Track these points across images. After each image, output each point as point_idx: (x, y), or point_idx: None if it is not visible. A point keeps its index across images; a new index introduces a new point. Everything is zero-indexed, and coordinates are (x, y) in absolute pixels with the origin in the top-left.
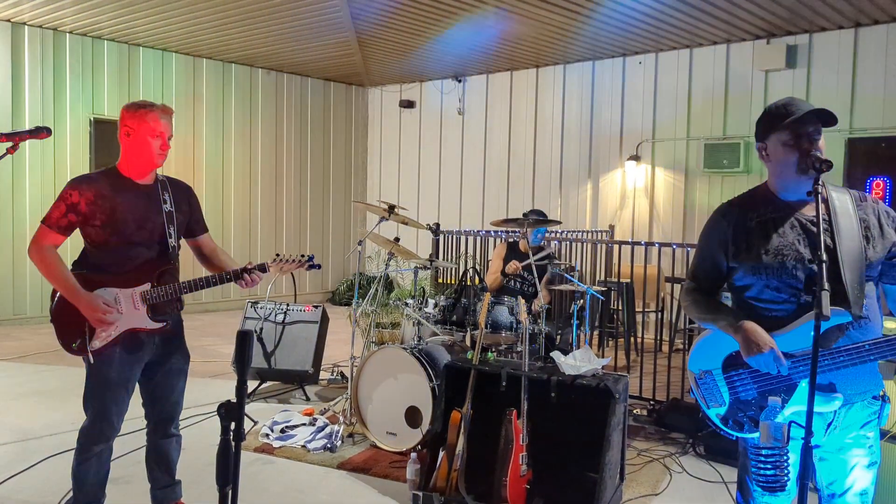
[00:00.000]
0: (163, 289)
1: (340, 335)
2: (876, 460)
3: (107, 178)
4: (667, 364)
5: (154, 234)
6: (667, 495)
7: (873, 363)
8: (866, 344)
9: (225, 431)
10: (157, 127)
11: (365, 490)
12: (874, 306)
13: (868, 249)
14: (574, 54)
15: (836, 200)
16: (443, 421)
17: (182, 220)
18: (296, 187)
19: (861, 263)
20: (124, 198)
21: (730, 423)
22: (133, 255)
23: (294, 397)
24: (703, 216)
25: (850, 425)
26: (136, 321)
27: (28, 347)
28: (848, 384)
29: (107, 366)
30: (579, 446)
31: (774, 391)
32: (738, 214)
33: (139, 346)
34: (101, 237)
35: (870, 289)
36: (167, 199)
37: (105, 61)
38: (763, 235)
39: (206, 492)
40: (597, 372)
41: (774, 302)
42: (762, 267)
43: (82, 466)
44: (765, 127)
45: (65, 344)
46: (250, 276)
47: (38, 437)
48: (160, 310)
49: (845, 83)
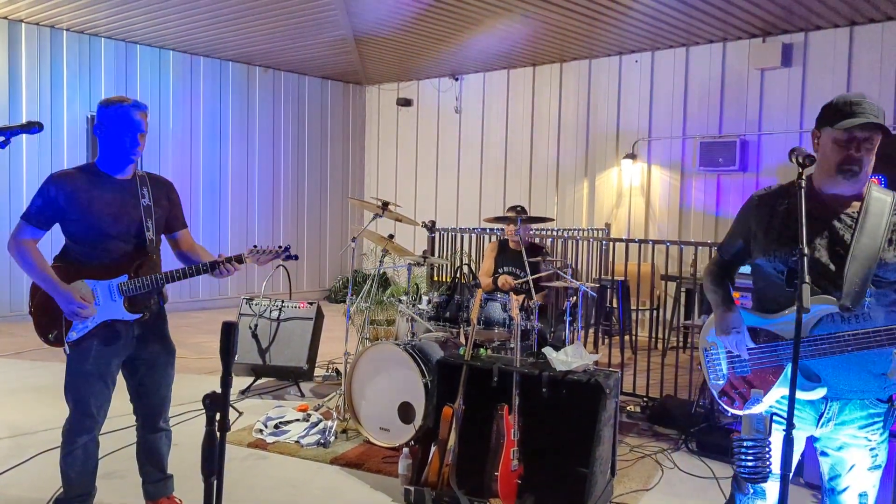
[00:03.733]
0: (140, 280)
1: (335, 332)
2: (880, 464)
3: (84, 174)
4: (661, 362)
5: (131, 227)
6: (658, 490)
7: (877, 365)
8: (846, 335)
9: (210, 422)
10: (129, 123)
11: (358, 485)
12: (884, 310)
13: (887, 251)
14: (571, 53)
15: (875, 200)
16: (435, 416)
17: (161, 214)
18: (293, 185)
19: (871, 262)
20: (101, 192)
21: (724, 399)
22: (110, 248)
23: (289, 393)
24: (699, 215)
25: (846, 423)
26: (112, 313)
27: (24, 344)
28: (836, 377)
29: (83, 358)
30: (570, 441)
31: (766, 371)
32: (772, 199)
33: (116, 337)
34: (79, 231)
35: (885, 292)
36: (145, 194)
37: (102, 59)
38: (784, 222)
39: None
40: (588, 368)
41: (778, 285)
42: (772, 250)
43: (68, 459)
44: (824, 117)
45: (42, 335)
46: (224, 266)
47: (32, 432)
48: (138, 302)
49: (840, 82)
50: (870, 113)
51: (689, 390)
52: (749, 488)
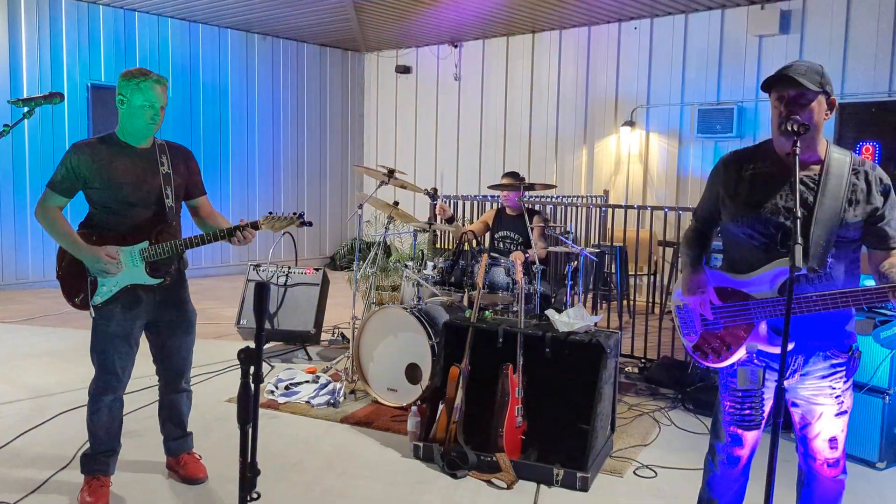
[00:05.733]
0: (160, 246)
1: (340, 299)
2: (846, 410)
3: (105, 143)
4: (658, 325)
5: (151, 194)
6: (655, 445)
7: (838, 319)
8: (813, 295)
9: (245, 375)
10: (149, 97)
11: (367, 441)
12: (844, 268)
13: (847, 211)
14: (570, 20)
15: (834, 161)
16: (442, 376)
17: (180, 182)
18: (293, 152)
19: (834, 223)
20: (122, 161)
21: (698, 353)
22: (132, 215)
23: (296, 357)
24: (697, 181)
25: (812, 373)
26: (134, 277)
27: (33, 310)
28: (802, 332)
29: (107, 320)
30: (572, 399)
31: (738, 328)
32: (737, 164)
33: (138, 301)
34: (101, 199)
35: (845, 252)
36: (164, 162)
37: (101, 27)
38: (751, 186)
39: (216, 443)
40: (589, 329)
41: (748, 248)
42: (740, 215)
43: (94, 417)
44: (765, 85)
45: (69, 298)
46: (242, 233)
47: (51, 394)
48: (159, 267)
49: (837, 49)
50: (797, 73)
51: (684, 352)
52: (727, 436)
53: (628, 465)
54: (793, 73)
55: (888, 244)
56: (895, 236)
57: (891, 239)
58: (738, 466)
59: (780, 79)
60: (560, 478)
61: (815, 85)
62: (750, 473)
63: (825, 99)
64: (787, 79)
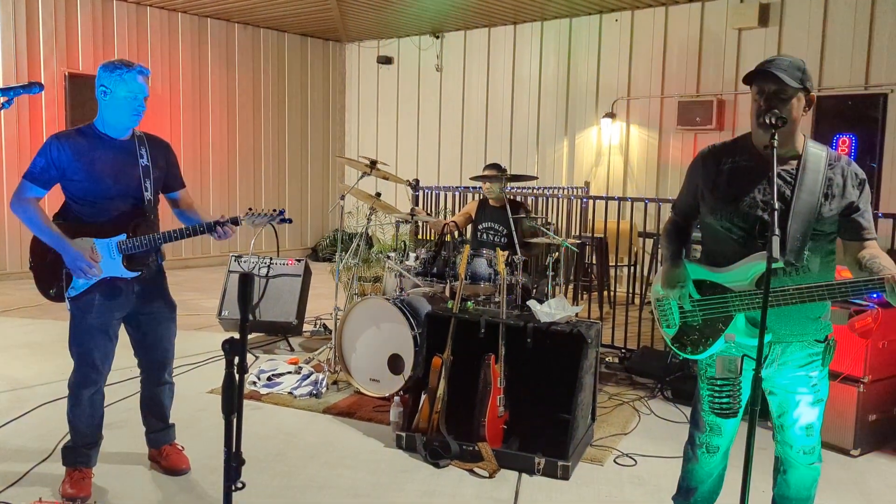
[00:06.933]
0: (138, 239)
1: (321, 290)
2: (822, 398)
3: (84, 135)
4: (638, 316)
5: (130, 187)
6: (635, 434)
7: (814, 310)
8: (790, 289)
9: (229, 365)
10: (133, 88)
11: (350, 431)
12: (819, 261)
13: (823, 206)
14: (552, 11)
15: (811, 156)
16: (424, 367)
17: (158, 174)
18: (274, 143)
19: (811, 217)
20: (102, 153)
21: (677, 345)
22: (109, 208)
23: (278, 348)
24: (677, 173)
25: (788, 363)
26: (111, 270)
27: (11, 302)
28: (779, 323)
29: (85, 312)
30: (553, 388)
31: (716, 320)
32: (715, 158)
33: (117, 293)
34: (79, 190)
35: (821, 245)
36: (143, 154)
37: (79, 15)
38: (729, 180)
39: (197, 435)
40: (570, 319)
41: (726, 241)
42: (719, 208)
43: (75, 410)
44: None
45: (43, 291)
46: (223, 228)
47: (30, 386)
48: (136, 260)
49: (815, 42)
50: (778, 68)
51: (664, 342)
52: (706, 425)
53: (609, 454)
54: (774, 69)
55: (862, 235)
56: (869, 227)
57: (865, 230)
58: (717, 454)
59: (762, 73)
60: (541, 466)
61: (795, 81)
62: (728, 461)
63: (805, 95)
64: (769, 74)
